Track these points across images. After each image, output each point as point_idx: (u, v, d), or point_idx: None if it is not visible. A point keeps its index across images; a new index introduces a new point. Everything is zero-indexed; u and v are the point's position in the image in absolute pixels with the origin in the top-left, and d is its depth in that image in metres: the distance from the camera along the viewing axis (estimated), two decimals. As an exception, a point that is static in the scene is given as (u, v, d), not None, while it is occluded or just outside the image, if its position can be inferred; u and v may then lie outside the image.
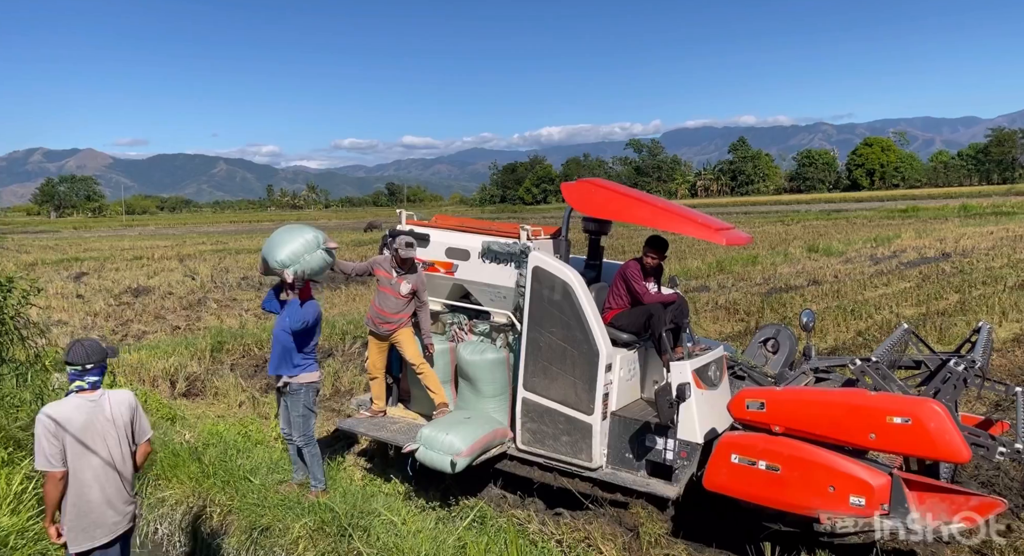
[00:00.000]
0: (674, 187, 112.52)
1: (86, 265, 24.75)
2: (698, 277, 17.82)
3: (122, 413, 3.52)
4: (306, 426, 5.47)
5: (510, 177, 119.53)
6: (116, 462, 3.47)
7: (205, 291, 17.96)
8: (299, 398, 5.42)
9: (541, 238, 5.80)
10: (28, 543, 4.18)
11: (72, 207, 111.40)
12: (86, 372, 3.43)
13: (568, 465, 5.26)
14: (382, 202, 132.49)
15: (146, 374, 9.28)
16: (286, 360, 5.39)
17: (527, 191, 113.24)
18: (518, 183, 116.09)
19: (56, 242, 41.08)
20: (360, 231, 43.63)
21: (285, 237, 5.36)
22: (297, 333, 5.31)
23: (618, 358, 5.26)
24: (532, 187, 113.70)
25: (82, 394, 3.43)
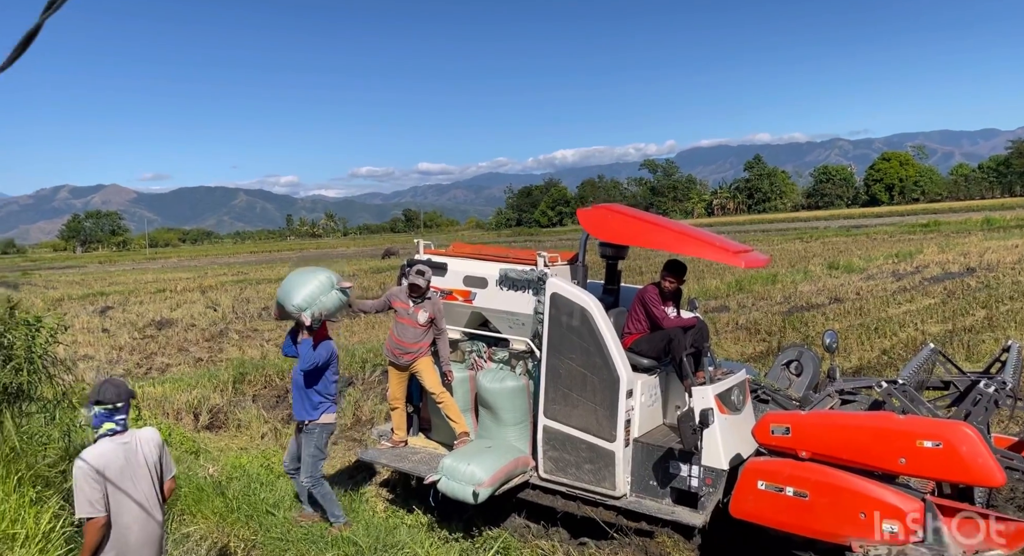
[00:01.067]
0: (690, 206, 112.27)
1: (111, 299, 25.15)
2: (717, 297, 17.70)
3: (151, 452, 3.51)
4: (314, 467, 5.44)
5: (525, 200, 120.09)
6: (151, 501, 3.46)
7: (227, 322, 18.15)
8: (312, 439, 5.42)
9: (558, 264, 5.82)
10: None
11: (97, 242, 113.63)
12: (116, 411, 3.40)
13: (591, 493, 5.20)
14: (399, 228, 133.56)
15: (170, 407, 9.36)
16: (304, 402, 5.41)
17: (543, 214, 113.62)
18: (533, 206, 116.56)
19: (82, 277, 41.83)
20: (378, 258, 43.97)
21: (299, 280, 5.40)
22: (309, 374, 5.33)
23: (639, 384, 5.23)
24: (548, 210, 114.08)
25: (115, 437, 3.40)
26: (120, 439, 3.41)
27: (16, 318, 5.79)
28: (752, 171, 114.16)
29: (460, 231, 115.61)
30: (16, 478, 4.53)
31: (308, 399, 5.39)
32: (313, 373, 5.36)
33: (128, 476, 3.37)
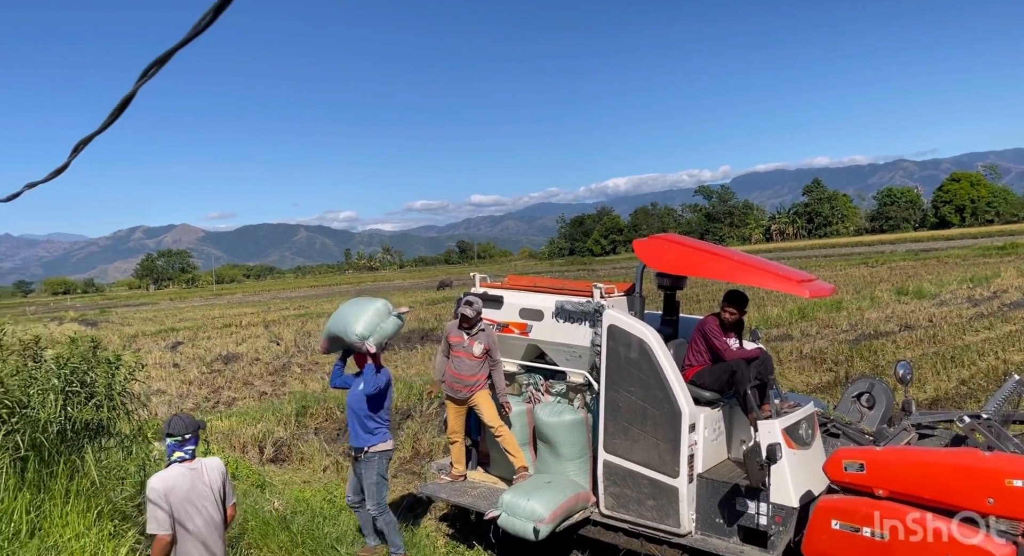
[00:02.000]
0: (747, 232, 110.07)
1: (181, 334, 26.17)
2: (779, 325, 17.20)
3: (216, 478, 3.81)
4: (379, 494, 5.49)
5: (578, 229, 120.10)
6: (215, 524, 3.75)
7: (289, 355, 18.62)
8: (373, 466, 5.47)
9: (614, 296, 5.78)
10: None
11: (168, 279, 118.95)
12: (185, 442, 3.73)
13: (655, 531, 5.06)
14: (453, 260, 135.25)
15: (236, 441, 9.61)
16: (363, 429, 5.49)
17: (595, 243, 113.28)
18: (586, 235, 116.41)
19: (154, 313, 43.74)
20: (433, 290, 44.54)
21: (356, 310, 5.51)
22: (372, 398, 5.42)
23: (701, 417, 5.10)
24: (600, 238, 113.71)
25: (184, 463, 3.72)
26: (188, 466, 3.72)
27: (98, 356, 6.10)
28: (811, 195, 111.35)
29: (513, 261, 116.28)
30: (96, 512, 4.72)
31: (364, 426, 5.47)
32: (375, 398, 5.44)
33: (193, 500, 3.66)
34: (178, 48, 1.05)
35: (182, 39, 1.01)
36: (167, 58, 1.07)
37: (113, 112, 1.17)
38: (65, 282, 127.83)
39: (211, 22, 0.97)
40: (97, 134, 1.25)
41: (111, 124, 1.16)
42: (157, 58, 1.07)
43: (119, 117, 1.16)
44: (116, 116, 1.17)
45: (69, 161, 1.41)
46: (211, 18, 0.97)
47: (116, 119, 1.16)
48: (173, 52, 1.07)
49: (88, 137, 1.29)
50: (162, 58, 1.06)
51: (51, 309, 55.90)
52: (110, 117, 1.17)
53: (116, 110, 1.16)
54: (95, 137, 1.26)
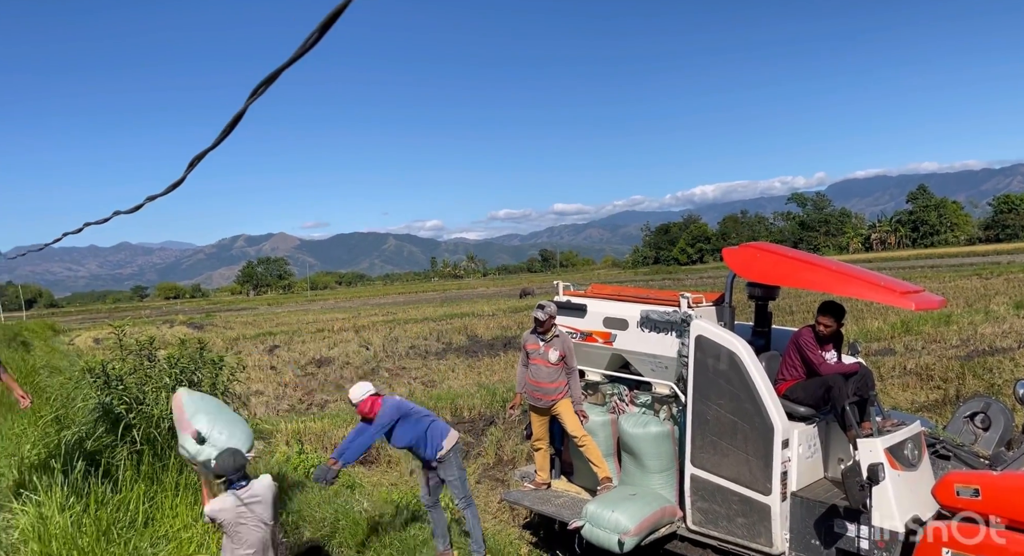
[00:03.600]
0: (845, 241, 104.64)
1: (278, 338, 27.49)
2: (880, 339, 16.24)
3: (267, 495, 4.16)
4: (463, 486, 5.53)
5: (663, 238, 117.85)
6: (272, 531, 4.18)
7: (378, 360, 19.19)
8: (451, 463, 5.49)
9: (703, 305, 5.64)
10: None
11: (267, 285, 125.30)
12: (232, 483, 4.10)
13: (745, 549, 4.88)
14: (536, 268, 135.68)
15: (328, 442, 9.97)
16: (424, 446, 5.45)
17: (682, 251, 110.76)
18: (672, 244, 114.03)
19: (254, 318, 46.16)
20: (515, 298, 44.83)
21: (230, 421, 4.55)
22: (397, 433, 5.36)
23: (795, 433, 4.88)
24: (687, 247, 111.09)
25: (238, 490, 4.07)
26: (241, 492, 4.07)
27: (204, 357, 6.52)
28: (916, 202, 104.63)
29: (596, 270, 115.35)
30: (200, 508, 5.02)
31: (422, 444, 5.44)
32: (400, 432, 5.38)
33: (242, 521, 4.04)
34: (285, 67, 1.11)
35: (289, 58, 1.07)
36: (275, 77, 1.14)
37: (225, 129, 1.25)
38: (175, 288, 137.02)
39: (317, 41, 1.02)
40: (210, 150, 1.34)
41: (223, 140, 1.25)
42: (267, 77, 1.14)
43: (230, 133, 1.25)
44: (228, 132, 1.25)
45: (185, 175, 1.52)
46: (317, 37, 1.02)
47: (228, 135, 1.25)
48: (281, 71, 1.13)
49: (202, 153, 1.38)
50: (271, 77, 1.13)
51: (163, 313, 60.04)
52: (222, 134, 1.25)
53: (228, 127, 1.25)
54: (208, 153, 1.35)
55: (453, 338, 22.94)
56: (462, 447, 5.71)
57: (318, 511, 6.67)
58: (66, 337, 33.44)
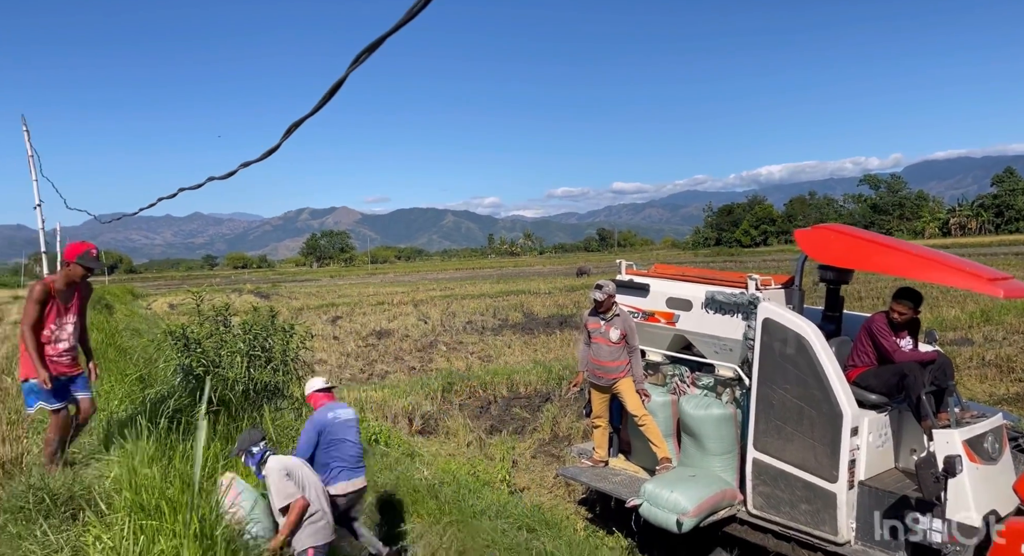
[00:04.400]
0: (920, 226, 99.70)
1: (340, 310, 28.24)
2: (957, 328, 15.51)
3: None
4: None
5: (726, 219, 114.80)
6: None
7: (436, 334, 19.51)
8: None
9: (771, 288, 5.50)
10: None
11: (329, 258, 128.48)
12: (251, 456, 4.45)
13: (808, 536, 4.80)
14: (593, 248, 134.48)
15: (388, 411, 10.24)
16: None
17: (745, 233, 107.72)
18: (735, 225, 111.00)
19: (317, 289, 47.48)
20: (571, 277, 44.67)
21: None
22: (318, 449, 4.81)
23: (865, 421, 4.75)
24: (751, 229, 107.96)
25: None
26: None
27: (275, 325, 6.77)
28: (1003, 185, 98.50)
29: (655, 250, 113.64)
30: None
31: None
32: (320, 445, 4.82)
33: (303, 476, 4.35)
34: (388, 35, 1.12)
35: (393, 26, 1.08)
36: (378, 44, 1.15)
37: (324, 96, 1.28)
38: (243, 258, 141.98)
39: (422, 8, 1.03)
40: (308, 117, 1.38)
41: (321, 107, 1.28)
42: (369, 45, 1.15)
43: (329, 101, 1.27)
44: (326, 100, 1.28)
45: (281, 142, 1.57)
46: (423, 4, 1.02)
47: (326, 103, 1.28)
48: (383, 39, 1.14)
49: (300, 120, 1.42)
50: (373, 45, 1.15)
51: (232, 282, 62.32)
52: (321, 101, 1.28)
53: (327, 94, 1.27)
54: (306, 120, 1.39)
55: (509, 315, 23.09)
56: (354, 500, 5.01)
57: (379, 477, 6.88)
58: (144, 302, 35.18)
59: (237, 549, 3.50)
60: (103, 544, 3.38)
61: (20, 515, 4.11)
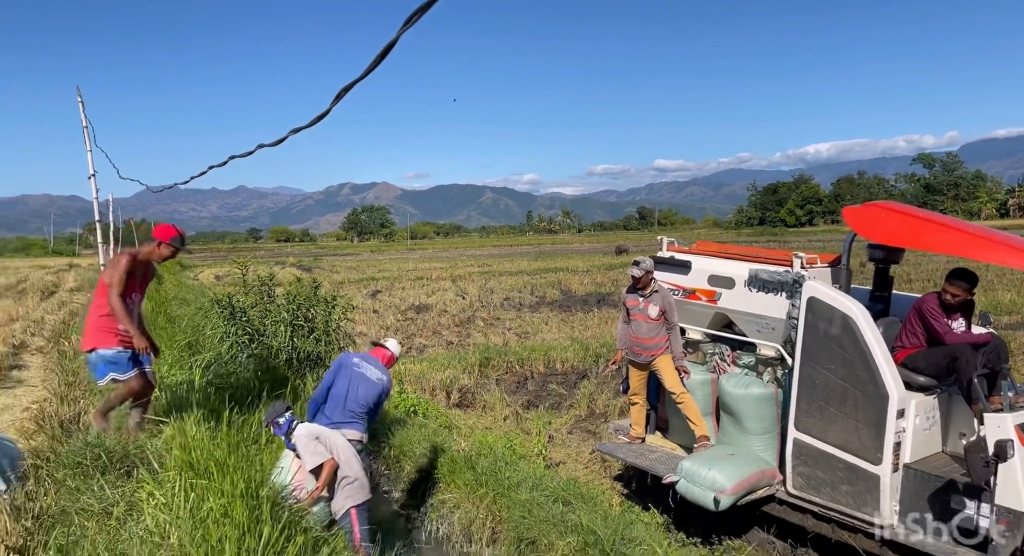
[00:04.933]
0: (976, 206, 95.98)
1: (380, 284, 28.60)
2: (1012, 312, 14.98)
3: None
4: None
5: (771, 198, 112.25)
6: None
7: (473, 309, 19.64)
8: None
9: (817, 266, 5.37)
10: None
11: (370, 233, 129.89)
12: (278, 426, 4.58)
13: (849, 518, 4.74)
14: (632, 226, 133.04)
15: (426, 384, 10.38)
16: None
17: (789, 213, 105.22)
18: (779, 204, 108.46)
19: (357, 263, 48.15)
20: (610, 255, 44.35)
21: None
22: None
23: (912, 403, 4.64)
24: (796, 208, 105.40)
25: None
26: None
27: (318, 296, 6.90)
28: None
29: (696, 229, 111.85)
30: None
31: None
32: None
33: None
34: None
35: (445, -15, 1.07)
36: (431, 4, 1.13)
37: (376, 59, 1.27)
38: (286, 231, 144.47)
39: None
40: (359, 80, 1.37)
41: (372, 70, 1.27)
42: (421, 5, 1.13)
43: (380, 64, 1.27)
44: (377, 63, 1.27)
45: (331, 107, 1.57)
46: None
47: (377, 66, 1.27)
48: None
49: (350, 84, 1.42)
50: (426, 4, 1.12)
51: (275, 254, 63.64)
52: (372, 63, 1.27)
53: (378, 57, 1.27)
54: (357, 84, 1.39)
55: (547, 292, 23.08)
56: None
57: (418, 447, 7.01)
58: (191, 273, 36.17)
59: (281, 508, 3.61)
60: (156, 500, 3.52)
61: (78, 470, 4.31)
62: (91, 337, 5.02)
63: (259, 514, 3.30)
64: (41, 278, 28.03)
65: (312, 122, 1.78)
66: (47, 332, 13.04)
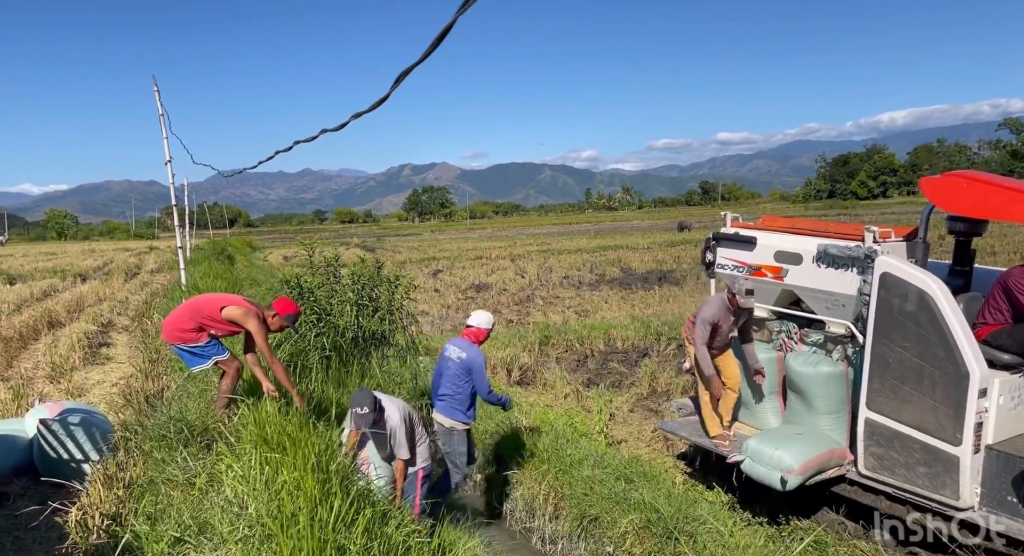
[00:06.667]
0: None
1: (440, 263, 28.99)
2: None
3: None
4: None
5: (841, 170, 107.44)
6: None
7: (532, 288, 19.68)
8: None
9: (891, 240, 5.14)
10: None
11: (430, 213, 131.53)
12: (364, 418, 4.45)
13: (925, 500, 4.57)
14: (695, 201, 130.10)
15: (488, 363, 10.49)
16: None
17: (861, 185, 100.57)
18: (851, 176, 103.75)
19: (418, 243, 48.88)
20: (672, 231, 43.55)
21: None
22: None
23: (996, 382, 4.41)
24: (868, 180, 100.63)
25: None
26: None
27: (381, 276, 7.05)
28: None
29: (762, 204, 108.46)
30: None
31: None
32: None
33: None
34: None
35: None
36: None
37: (433, 42, 1.28)
38: (350, 212, 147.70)
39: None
40: (417, 64, 1.39)
41: (430, 54, 1.28)
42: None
43: (438, 47, 1.28)
44: (435, 46, 1.28)
45: (391, 91, 1.59)
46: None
47: (435, 49, 1.28)
48: (492, -22, 1.12)
49: (409, 68, 1.44)
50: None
51: (339, 235, 65.22)
52: (430, 47, 1.28)
53: (436, 40, 1.27)
54: (415, 68, 1.40)
55: (606, 270, 22.89)
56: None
57: (480, 424, 7.13)
58: (261, 254, 37.53)
59: (350, 482, 3.75)
60: (234, 472, 3.71)
61: (163, 443, 4.58)
62: (177, 335, 5.26)
63: (329, 487, 3.43)
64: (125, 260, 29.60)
65: (373, 106, 1.81)
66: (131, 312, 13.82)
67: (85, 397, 7.53)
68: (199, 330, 5.21)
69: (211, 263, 21.49)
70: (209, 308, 5.27)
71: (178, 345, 5.24)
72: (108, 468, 4.39)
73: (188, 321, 5.22)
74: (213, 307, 5.27)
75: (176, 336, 5.23)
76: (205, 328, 5.22)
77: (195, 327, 5.20)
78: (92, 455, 4.82)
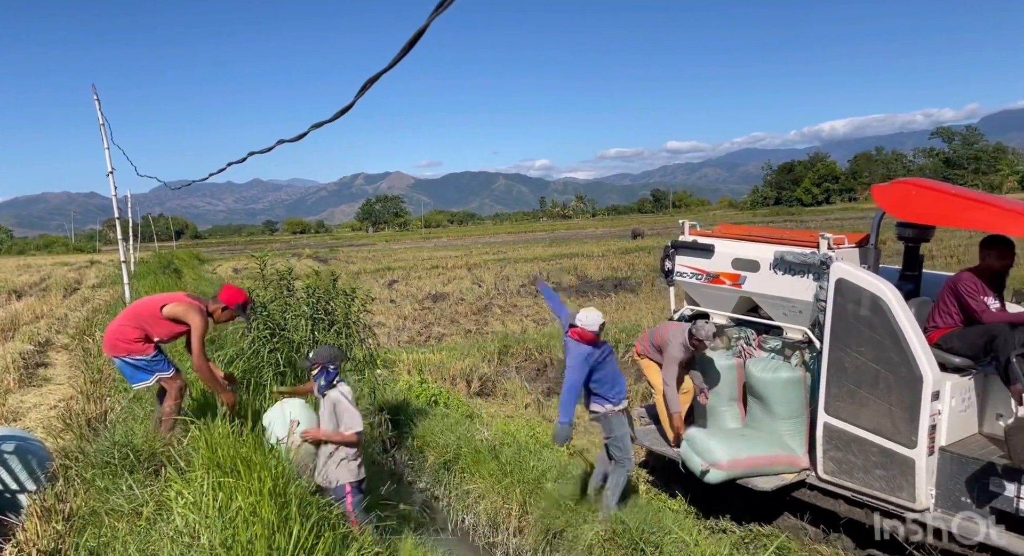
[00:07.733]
0: (998, 180, 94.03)
1: (396, 273, 28.65)
2: (1041, 288, 14.65)
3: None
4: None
5: (786, 177, 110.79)
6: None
7: (490, 297, 19.60)
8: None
9: (844, 246, 5.26)
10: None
11: (384, 223, 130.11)
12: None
13: (883, 502, 4.65)
14: (647, 209, 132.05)
15: (446, 373, 10.37)
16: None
17: (806, 192, 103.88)
18: (795, 183, 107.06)
19: (372, 253, 48.26)
20: (626, 239, 44.08)
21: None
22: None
23: (948, 385, 4.53)
24: (812, 187, 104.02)
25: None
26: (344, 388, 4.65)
27: (337, 288, 6.88)
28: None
29: (711, 211, 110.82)
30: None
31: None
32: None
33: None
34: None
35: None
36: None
37: (404, 47, 1.20)
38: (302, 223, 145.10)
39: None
40: (385, 71, 1.31)
41: (400, 60, 1.21)
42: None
43: (408, 53, 1.20)
44: (406, 52, 1.21)
45: (356, 100, 1.51)
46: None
47: (405, 55, 1.20)
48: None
49: (376, 75, 1.36)
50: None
51: (291, 246, 63.96)
52: (400, 53, 1.21)
53: (407, 45, 1.20)
54: (383, 75, 1.32)
55: (563, 278, 22.99)
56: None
57: (441, 438, 6.99)
58: (209, 266, 36.50)
59: (310, 507, 3.59)
60: (185, 499, 3.52)
61: (107, 470, 4.33)
62: (121, 346, 5.03)
63: (287, 513, 3.28)
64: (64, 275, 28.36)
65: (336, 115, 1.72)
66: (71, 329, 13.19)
67: (20, 422, 7.13)
68: (145, 340, 4.97)
69: (157, 277, 20.77)
70: (149, 310, 5.06)
71: (122, 357, 4.98)
72: (46, 499, 4.12)
73: (131, 330, 4.98)
74: (153, 307, 5.06)
75: (119, 347, 4.98)
76: (150, 335, 4.99)
77: (140, 336, 4.96)
78: (28, 485, 4.53)
